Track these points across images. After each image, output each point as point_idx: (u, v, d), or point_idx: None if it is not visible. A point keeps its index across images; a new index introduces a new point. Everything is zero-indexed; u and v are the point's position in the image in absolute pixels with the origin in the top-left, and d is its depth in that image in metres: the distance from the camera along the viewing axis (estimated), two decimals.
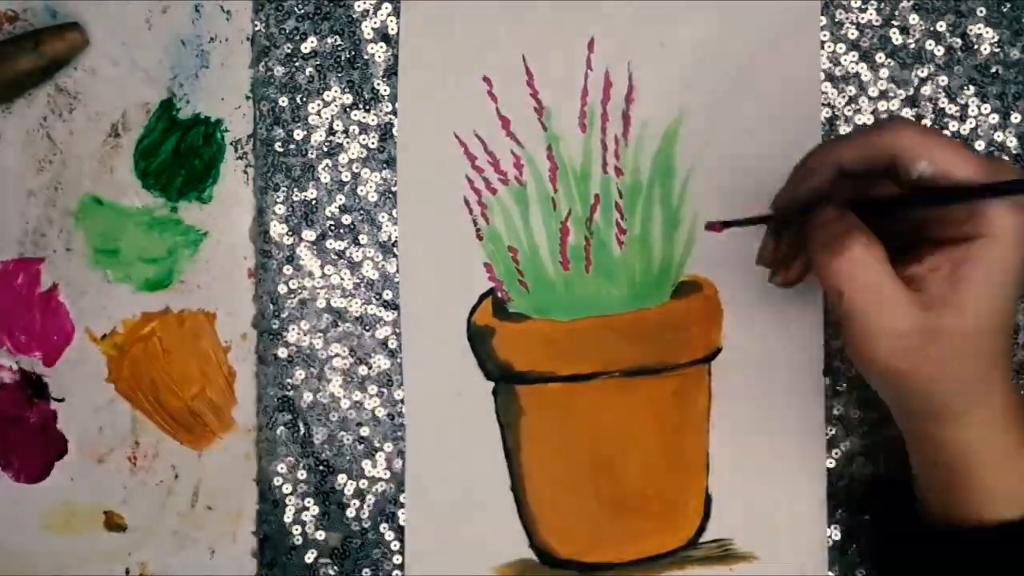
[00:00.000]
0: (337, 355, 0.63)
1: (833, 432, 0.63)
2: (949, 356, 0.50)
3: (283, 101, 0.63)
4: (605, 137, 0.62)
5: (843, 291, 0.50)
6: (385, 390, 0.63)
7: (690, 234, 0.62)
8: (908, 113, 0.62)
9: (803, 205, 0.54)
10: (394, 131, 0.63)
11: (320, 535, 0.64)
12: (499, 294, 0.63)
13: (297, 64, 0.63)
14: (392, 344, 0.63)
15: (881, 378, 0.52)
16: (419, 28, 0.63)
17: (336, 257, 0.63)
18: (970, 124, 0.62)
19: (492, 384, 0.63)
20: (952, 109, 0.62)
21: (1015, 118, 0.62)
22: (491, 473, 0.63)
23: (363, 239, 0.63)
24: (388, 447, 0.63)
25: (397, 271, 0.63)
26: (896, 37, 0.62)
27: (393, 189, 0.63)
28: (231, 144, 0.64)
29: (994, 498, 0.53)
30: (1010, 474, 0.52)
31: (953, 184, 0.49)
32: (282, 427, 0.64)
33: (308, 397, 0.63)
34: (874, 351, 0.50)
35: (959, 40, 0.62)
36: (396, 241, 0.63)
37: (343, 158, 0.63)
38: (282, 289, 0.63)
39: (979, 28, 0.62)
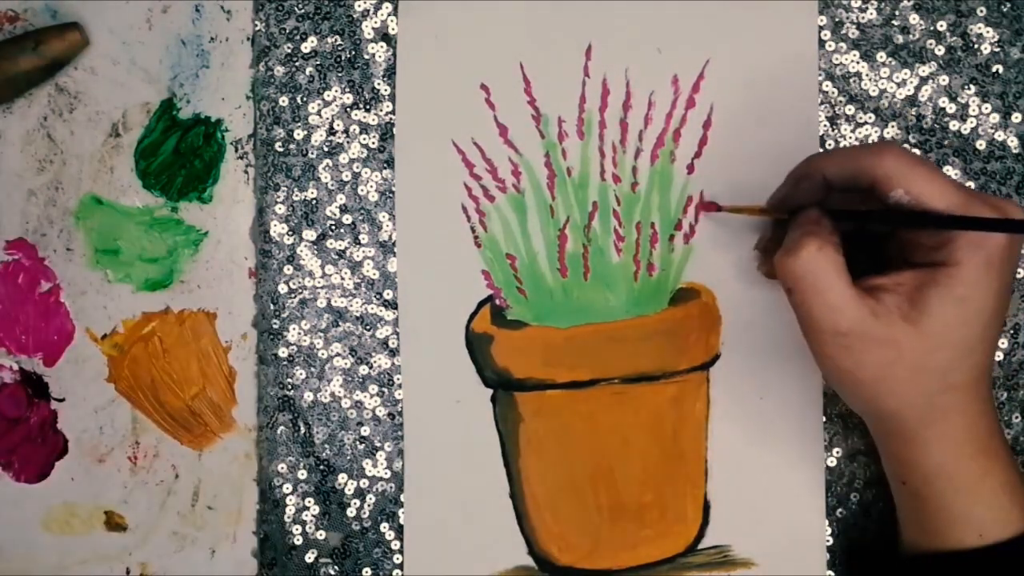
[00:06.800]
0: (337, 355, 0.63)
1: (833, 433, 0.62)
2: (899, 367, 0.51)
3: (283, 101, 0.63)
4: (603, 144, 0.62)
5: (792, 289, 0.52)
6: (386, 390, 0.63)
7: (688, 241, 0.62)
8: (910, 112, 0.62)
9: (792, 208, 0.55)
10: (394, 131, 0.63)
11: (320, 535, 0.64)
12: (497, 301, 0.63)
13: (297, 64, 0.63)
14: (393, 344, 0.63)
15: (830, 376, 0.54)
16: (417, 36, 0.63)
17: (336, 257, 0.63)
18: (971, 123, 0.62)
19: (491, 391, 0.63)
20: (952, 108, 0.62)
21: (1016, 118, 0.62)
22: (490, 480, 0.63)
23: (363, 239, 0.63)
24: (388, 447, 0.63)
25: (397, 271, 0.63)
26: (897, 36, 0.62)
27: (393, 188, 0.63)
28: (231, 144, 0.64)
29: (956, 526, 0.53)
30: (972, 503, 0.53)
31: (921, 212, 0.50)
32: (282, 427, 0.64)
33: (308, 397, 0.63)
34: (817, 346, 0.52)
35: (959, 40, 0.62)
36: (396, 243, 0.63)
37: (343, 158, 0.63)
38: (282, 289, 0.63)
39: (979, 28, 0.62)
